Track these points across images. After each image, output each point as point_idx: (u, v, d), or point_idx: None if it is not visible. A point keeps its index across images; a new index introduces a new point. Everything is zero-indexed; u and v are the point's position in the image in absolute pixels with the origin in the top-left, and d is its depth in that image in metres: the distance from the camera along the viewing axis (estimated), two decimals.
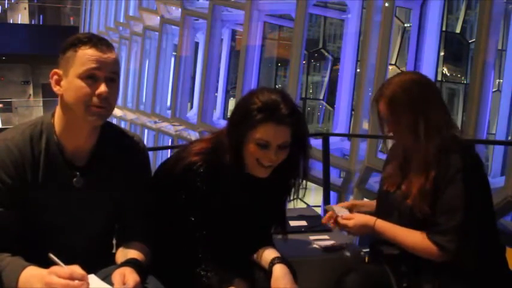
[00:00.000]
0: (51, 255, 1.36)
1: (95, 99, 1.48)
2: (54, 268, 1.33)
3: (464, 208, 1.66)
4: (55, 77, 1.52)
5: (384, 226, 1.82)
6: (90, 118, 1.49)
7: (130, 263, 1.50)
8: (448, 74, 9.87)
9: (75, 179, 1.55)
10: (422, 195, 1.71)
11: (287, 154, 1.68)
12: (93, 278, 1.43)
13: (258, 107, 1.62)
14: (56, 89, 1.52)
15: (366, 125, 7.64)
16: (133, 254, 1.56)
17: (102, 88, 1.48)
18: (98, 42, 1.50)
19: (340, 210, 2.00)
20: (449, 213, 1.68)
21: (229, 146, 1.67)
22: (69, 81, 1.49)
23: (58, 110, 1.56)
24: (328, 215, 2.01)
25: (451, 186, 1.68)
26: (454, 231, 1.67)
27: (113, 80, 1.51)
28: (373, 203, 2.06)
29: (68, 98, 1.50)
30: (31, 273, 1.37)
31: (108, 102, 1.50)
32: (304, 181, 1.79)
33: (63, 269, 1.32)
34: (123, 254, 1.58)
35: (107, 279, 1.47)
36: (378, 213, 1.93)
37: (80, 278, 1.32)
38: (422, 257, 1.73)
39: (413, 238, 1.75)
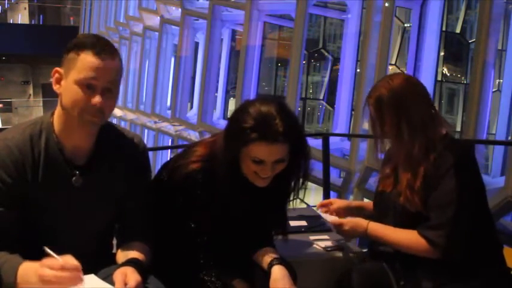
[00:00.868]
0: (46, 249, 1.36)
1: (89, 108, 1.48)
2: (46, 260, 1.34)
3: (455, 204, 1.67)
4: (56, 75, 1.52)
5: (376, 228, 1.84)
6: (83, 123, 1.50)
7: (131, 262, 1.50)
8: (448, 74, 9.87)
9: (74, 178, 1.55)
10: (412, 190, 1.73)
11: (285, 165, 1.65)
12: (93, 278, 1.42)
13: (251, 126, 1.56)
14: (55, 87, 1.52)
15: (366, 125, 7.62)
16: (134, 254, 1.55)
17: (97, 99, 1.47)
18: (101, 50, 1.48)
19: (329, 217, 2.06)
20: (440, 208, 1.69)
21: (224, 161, 1.64)
22: (67, 84, 1.49)
23: (58, 109, 1.56)
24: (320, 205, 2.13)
25: (442, 182, 1.70)
26: (444, 226, 1.68)
27: (110, 90, 1.50)
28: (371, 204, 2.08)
29: (65, 100, 1.51)
30: (27, 267, 1.38)
31: (102, 112, 1.50)
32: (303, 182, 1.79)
33: (55, 260, 1.33)
34: (123, 253, 1.58)
35: (107, 279, 1.47)
36: (375, 214, 1.94)
37: (72, 269, 1.32)
38: (415, 254, 1.74)
39: (405, 236, 1.76)
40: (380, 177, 1.96)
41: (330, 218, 2.03)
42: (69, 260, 1.33)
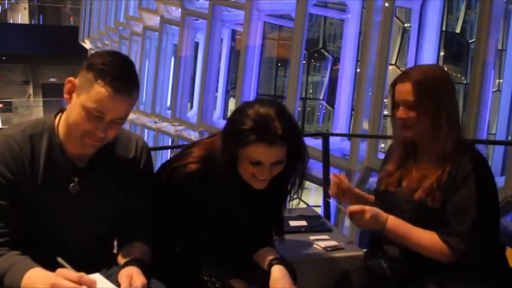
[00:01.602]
0: (60, 260, 1.35)
1: (91, 134, 1.46)
2: (62, 270, 1.32)
3: (475, 210, 1.65)
4: (69, 85, 1.48)
5: (397, 224, 1.75)
6: (82, 143, 1.49)
7: (135, 261, 1.49)
8: None
9: (71, 185, 1.54)
10: (438, 187, 1.70)
11: (283, 167, 1.64)
12: (98, 277, 1.42)
13: (250, 127, 1.56)
14: (66, 96, 1.49)
15: (366, 125, 7.64)
16: (136, 254, 1.55)
17: (101, 132, 1.46)
18: (120, 86, 1.42)
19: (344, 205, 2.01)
20: (461, 215, 1.67)
21: (222, 162, 1.63)
22: (76, 103, 1.46)
23: (64, 115, 1.54)
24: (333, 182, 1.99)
25: (462, 188, 1.67)
26: (465, 233, 1.66)
27: (118, 122, 1.48)
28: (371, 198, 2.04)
29: (70, 117, 1.49)
30: (35, 275, 1.35)
31: (105, 138, 1.49)
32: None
33: (72, 272, 1.31)
34: (124, 254, 1.58)
35: (109, 278, 1.47)
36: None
37: (88, 284, 1.30)
38: (431, 257, 1.71)
39: (426, 237, 1.71)
40: (380, 177, 1.93)
41: (349, 207, 1.83)
42: (85, 275, 1.32)
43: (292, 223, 2.34)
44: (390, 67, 8.28)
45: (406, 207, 1.77)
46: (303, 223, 2.38)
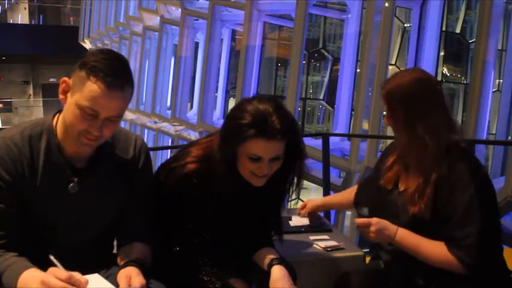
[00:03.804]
0: (52, 258, 1.35)
1: (86, 133, 1.46)
2: (53, 269, 1.33)
3: (480, 220, 1.62)
4: (63, 85, 1.48)
5: (407, 236, 1.72)
6: (79, 142, 1.48)
7: (135, 262, 1.49)
8: (448, 74, 9.88)
9: (71, 185, 1.53)
10: (421, 197, 1.67)
11: (281, 163, 1.64)
12: (97, 278, 1.42)
13: (248, 122, 1.56)
14: (61, 97, 1.49)
15: (366, 125, 7.65)
16: (135, 254, 1.55)
17: (96, 130, 1.45)
18: (113, 81, 1.41)
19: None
20: (466, 225, 1.63)
21: (221, 160, 1.63)
22: (71, 102, 1.46)
23: (62, 116, 1.54)
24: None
25: (460, 192, 1.64)
26: (473, 247, 1.63)
27: (113, 120, 1.47)
28: (347, 196, 2.07)
29: (66, 116, 1.48)
30: (31, 275, 1.36)
31: (101, 137, 1.48)
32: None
33: (62, 271, 1.31)
34: (124, 254, 1.58)
35: (109, 278, 1.46)
36: (369, 207, 1.82)
37: (77, 284, 1.30)
38: (443, 268, 1.68)
39: (436, 250, 1.68)
40: (383, 168, 1.87)
41: (356, 219, 1.82)
42: (76, 275, 1.31)
43: (292, 223, 2.34)
44: (390, 67, 8.28)
45: (401, 215, 1.74)
46: (303, 223, 2.38)
